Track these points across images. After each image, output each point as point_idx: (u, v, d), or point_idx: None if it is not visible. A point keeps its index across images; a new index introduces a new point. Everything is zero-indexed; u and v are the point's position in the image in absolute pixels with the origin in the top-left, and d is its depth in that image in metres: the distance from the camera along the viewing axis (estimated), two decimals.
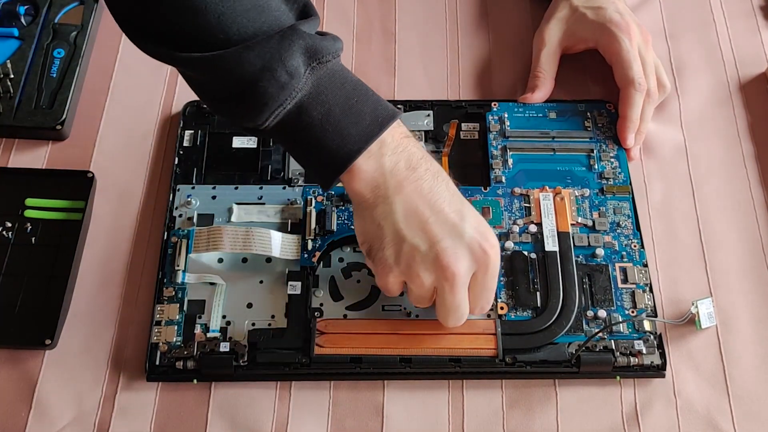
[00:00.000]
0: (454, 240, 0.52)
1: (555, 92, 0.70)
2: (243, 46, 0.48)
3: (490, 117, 0.68)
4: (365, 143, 0.51)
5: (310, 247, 0.61)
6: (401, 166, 0.52)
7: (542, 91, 0.69)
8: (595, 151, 0.66)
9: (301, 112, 0.50)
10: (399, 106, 0.58)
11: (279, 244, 0.60)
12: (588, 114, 0.68)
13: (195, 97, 0.68)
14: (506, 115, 0.68)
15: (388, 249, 0.52)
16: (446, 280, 0.51)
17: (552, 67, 0.70)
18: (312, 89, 0.50)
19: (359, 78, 0.53)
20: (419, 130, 0.68)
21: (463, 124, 0.69)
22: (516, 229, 0.62)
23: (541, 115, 0.68)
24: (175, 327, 0.58)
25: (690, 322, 0.59)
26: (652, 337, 0.58)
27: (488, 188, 0.64)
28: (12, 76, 0.69)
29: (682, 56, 0.74)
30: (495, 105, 0.69)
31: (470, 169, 0.66)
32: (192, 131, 0.68)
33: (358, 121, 0.51)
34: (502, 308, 0.59)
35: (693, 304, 0.59)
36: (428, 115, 0.69)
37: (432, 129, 0.68)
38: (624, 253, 0.61)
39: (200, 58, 0.49)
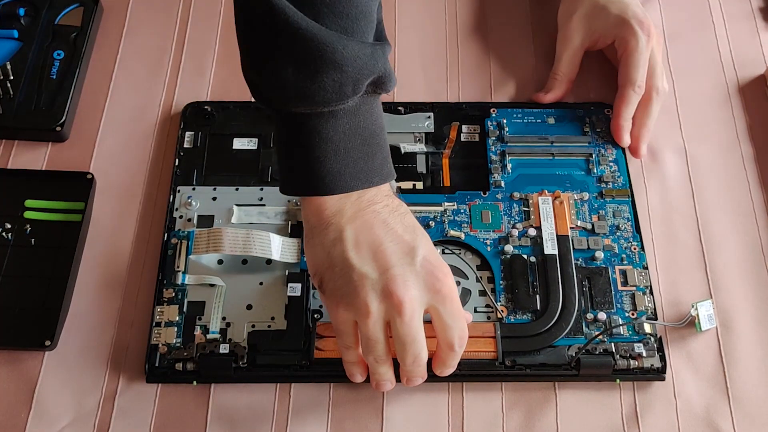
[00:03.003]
0: (404, 267, 0.49)
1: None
2: (338, 36, 0.46)
3: (489, 123, 0.68)
4: (360, 184, 0.50)
5: None
6: (363, 199, 0.51)
7: (555, 93, 0.69)
8: (593, 156, 0.66)
9: (329, 120, 0.49)
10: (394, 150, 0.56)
11: (279, 248, 0.60)
12: (586, 119, 0.68)
13: (195, 98, 0.70)
14: (505, 121, 0.68)
15: (338, 279, 0.50)
16: (394, 308, 0.48)
17: (571, 69, 0.69)
18: (352, 108, 0.49)
19: (384, 120, 0.53)
20: (420, 132, 0.68)
21: (463, 126, 0.69)
22: (515, 232, 0.62)
23: (539, 120, 0.68)
24: (175, 328, 0.58)
25: (690, 324, 0.59)
26: (652, 339, 0.58)
27: (487, 192, 0.64)
28: (12, 77, 0.69)
29: (681, 58, 0.74)
30: (494, 111, 0.69)
31: (471, 170, 0.66)
32: (192, 132, 0.68)
33: (368, 159, 0.50)
34: (501, 311, 0.59)
35: (693, 307, 0.59)
36: (429, 117, 0.69)
37: (432, 131, 0.68)
38: (624, 255, 0.61)
39: (294, 13, 0.45)
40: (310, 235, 0.52)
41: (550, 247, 0.61)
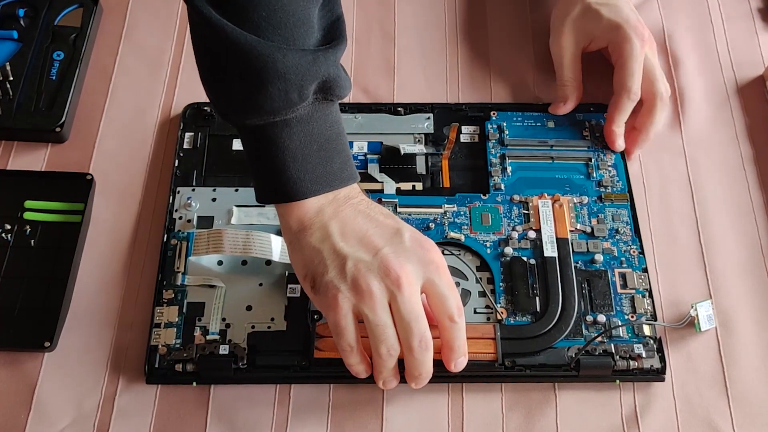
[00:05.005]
0: (394, 246, 0.52)
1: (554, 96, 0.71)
2: (277, 46, 0.48)
3: (489, 125, 0.68)
4: (321, 189, 0.52)
5: None
6: (340, 197, 0.53)
7: (572, 101, 0.68)
8: (593, 160, 0.66)
9: (283, 129, 0.50)
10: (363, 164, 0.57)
11: (279, 249, 0.60)
12: (586, 123, 0.69)
13: (195, 99, 0.70)
14: (505, 124, 0.68)
15: (331, 271, 0.51)
16: (393, 284, 0.50)
17: (577, 74, 0.69)
18: (305, 116, 0.51)
19: (343, 125, 0.54)
20: (419, 133, 0.68)
21: (463, 127, 0.69)
22: (515, 235, 0.62)
23: (539, 124, 0.68)
24: (175, 329, 0.58)
25: (689, 324, 0.59)
26: (651, 341, 0.58)
27: (487, 195, 0.65)
28: (11, 78, 0.69)
29: (680, 59, 0.74)
30: (494, 114, 0.69)
31: (471, 171, 0.67)
32: (192, 133, 0.68)
33: (326, 164, 0.52)
34: (501, 313, 0.59)
35: (692, 307, 0.59)
36: (428, 118, 0.69)
37: (432, 132, 0.68)
38: (623, 259, 0.61)
39: (232, 30, 0.47)
40: (295, 240, 0.53)
41: (550, 250, 0.61)
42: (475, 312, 0.60)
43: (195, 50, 0.52)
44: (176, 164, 0.66)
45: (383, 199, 0.64)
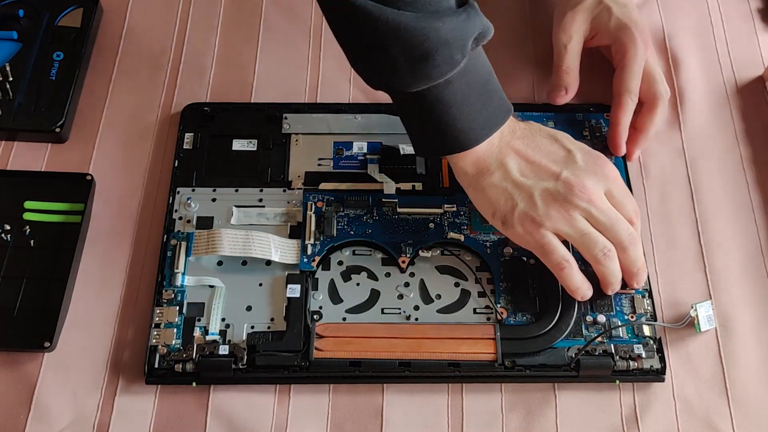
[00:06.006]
0: (570, 168, 0.56)
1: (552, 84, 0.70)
2: (434, 14, 0.50)
3: None
4: (489, 132, 0.55)
5: (309, 251, 0.61)
6: (505, 134, 0.57)
7: (573, 89, 0.68)
8: None
9: (446, 87, 0.53)
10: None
11: (278, 249, 0.60)
12: (586, 123, 0.68)
13: (195, 99, 0.70)
14: None
15: (521, 203, 0.55)
16: (583, 200, 0.55)
17: (578, 63, 0.68)
18: (463, 69, 0.53)
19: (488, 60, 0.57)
20: None
21: None
22: None
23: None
24: (174, 330, 0.58)
25: (689, 325, 0.59)
26: (651, 341, 0.58)
27: None
28: (11, 78, 0.69)
29: (680, 59, 0.74)
30: None
31: None
32: (192, 133, 0.68)
33: (487, 107, 0.55)
34: (501, 313, 0.59)
35: (692, 308, 0.59)
36: None
37: None
38: None
39: (391, 13, 0.50)
40: (475, 183, 0.57)
41: None
42: (475, 312, 0.60)
43: (347, 41, 0.54)
44: (176, 164, 0.66)
45: (383, 200, 0.64)
